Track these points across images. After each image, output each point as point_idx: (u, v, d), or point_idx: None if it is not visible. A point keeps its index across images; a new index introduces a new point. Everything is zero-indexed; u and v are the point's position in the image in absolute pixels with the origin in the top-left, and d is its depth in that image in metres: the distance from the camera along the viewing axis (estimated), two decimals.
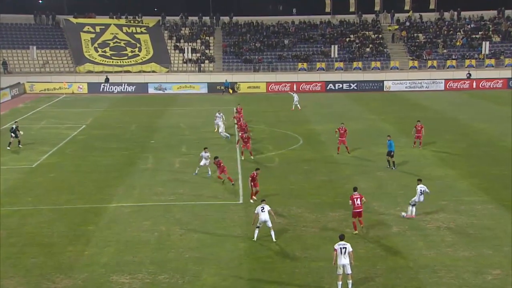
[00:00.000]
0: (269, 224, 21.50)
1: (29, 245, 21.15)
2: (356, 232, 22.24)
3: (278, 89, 67.13)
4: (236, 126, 41.22)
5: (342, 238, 17.92)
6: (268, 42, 77.60)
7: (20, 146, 37.42)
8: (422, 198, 24.15)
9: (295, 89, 65.68)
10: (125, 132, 43.00)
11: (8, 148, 36.87)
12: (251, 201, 25.97)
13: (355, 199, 22.17)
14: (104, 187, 28.38)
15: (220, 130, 39.88)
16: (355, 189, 22.64)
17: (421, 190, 24.12)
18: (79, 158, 34.96)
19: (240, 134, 37.29)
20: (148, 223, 23.30)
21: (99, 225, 23.16)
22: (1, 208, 25.23)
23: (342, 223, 23.31)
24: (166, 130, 43.70)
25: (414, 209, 24.11)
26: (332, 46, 73.54)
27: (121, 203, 25.99)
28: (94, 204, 25.86)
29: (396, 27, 78.59)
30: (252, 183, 26.12)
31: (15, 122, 39.55)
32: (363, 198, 22.40)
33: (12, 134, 37.38)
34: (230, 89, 66.16)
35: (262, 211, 21.48)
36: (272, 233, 21.55)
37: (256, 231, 21.58)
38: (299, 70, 72.74)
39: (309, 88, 67.33)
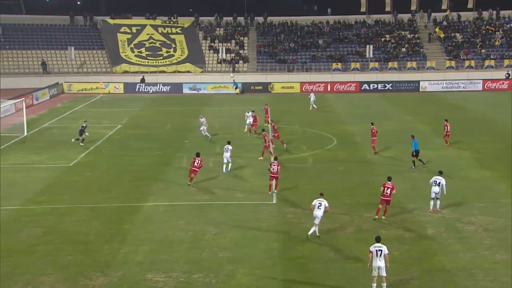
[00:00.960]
0: (317, 221, 21.45)
1: (66, 242, 21.49)
2: (376, 217, 23.11)
3: (312, 89, 66.76)
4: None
5: (378, 240, 17.73)
6: (302, 42, 77.36)
7: (81, 144, 38.16)
8: (436, 189, 23.94)
9: (329, 89, 65.42)
10: (160, 132, 43.38)
11: (81, 144, 37.97)
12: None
13: (385, 188, 23.25)
14: (140, 186, 28.67)
15: (201, 129, 39.95)
16: (389, 179, 23.70)
17: (434, 181, 23.99)
18: (115, 157, 35.40)
19: (272, 135, 37.34)
20: (183, 223, 23.45)
21: (135, 223, 23.40)
22: (39, 206, 25.72)
23: (377, 224, 23.06)
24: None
25: (436, 202, 24.13)
26: (367, 46, 72.91)
27: (156, 202, 26.22)
28: (129, 203, 26.14)
29: (442, 35, 76.51)
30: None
31: (84, 121, 40.17)
32: (394, 190, 23.14)
33: (82, 132, 38.26)
34: (238, 90, 66.10)
35: (318, 208, 21.58)
36: (316, 229, 21.56)
37: (313, 228, 21.58)
38: (333, 70, 72.29)
39: (343, 89, 66.90)
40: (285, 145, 37.08)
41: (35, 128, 44.39)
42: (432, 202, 24.28)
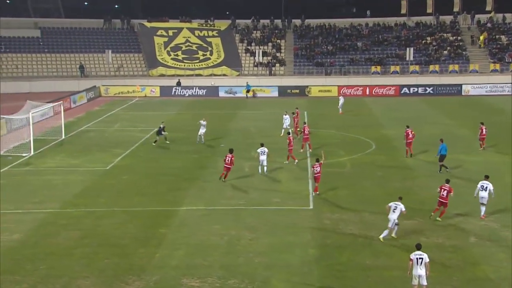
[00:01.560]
0: (390, 224, 21.52)
1: (103, 245, 21.80)
2: (432, 215, 23.89)
3: (350, 93, 66.39)
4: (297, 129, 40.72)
5: (418, 247, 17.48)
6: (340, 45, 76.98)
7: (167, 142, 39.55)
8: (483, 194, 23.53)
9: (367, 93, 64.88)
10: (195, 136, 43.65)
11: (153, 144, 39.38)
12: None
13: (442, 190, 23.74)
14: (175, 190, 28.93)
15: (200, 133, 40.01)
16: (447, 181, 24.21)
17: (481, 185, 23.61)
18: (151, 160, 35.80)
19: (304, 137, 37.29)
20: (218, 227, 23.55)
21: (170, 227, 23.61)
22: (77, 209, 26.18)
23: (417, 231, 22.76)
24: (236, 134, 44.10)
25: (483, 208, 23.77)
26: (407, 49, 72.12)
27: (192, 206, 26.41)
28: (165, 206, 26.40)
29: (483, 44, 74.73)
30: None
31: (162, 122, 40.95)
32: (450, 193, 23.48)
33: (159, 133, 39.50)
34: (250, 92, 66.00)
35: (393, 211, 21.61)
36: (390, 232, 21.67)
37: (385, 232, 21.66)
38: (372, 73, 71.72)
39: (383, 92, 66.31)
40: (310, 150, 37.05)
41: (73, 131, 45.23)
42: (483, 208, 23.90)
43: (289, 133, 35.66)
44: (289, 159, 34.28)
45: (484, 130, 36.59)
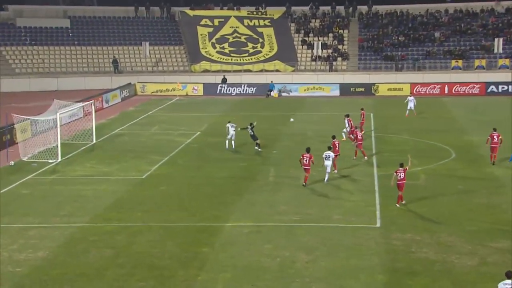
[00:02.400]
0: None
1: (139, 266, 22.09)
2: None
3: (426, 91, 65.61)
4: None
5: (509, 276, 17.10)
6: (414, 35, 76.18)
7: (259, 150, 39.92)
8: None
9: (446, 91, 64.03)
10: (244, 141, 43.88)
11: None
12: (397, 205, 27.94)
13: None
14: (220, 204, 29.13)
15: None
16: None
17: None
18: (192, 169, 36.17)
19: (356, 143, 37.20)
20: (269, 247, 23.59)
21: (214, 246, 23.77)
22: (109, 223, 26.65)
23: (506, 257, 22.26)
24: (291, 139, 44.11)
25: None
26: (496, 40, 70.80)
27: (239, 222, 26.53)
28: (208, 222, 26.61)
29: None
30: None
31: (250, 124, 41.29)
32: None
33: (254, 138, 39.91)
34: (275, 93, 65.81)
35: None
36: None
37: None
38: (452, 68, 70.70)
39: (465, 91, 65.27)
40: (366, 157, 37.01)
41: (105, 134, 46.13)
42: None
43: (333, 137, 35.66)
44: (336, 167, 34.07)
45: (495, 138, 35.13)
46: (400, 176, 28.25)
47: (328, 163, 32.21)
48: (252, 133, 40.12)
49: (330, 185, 32.00)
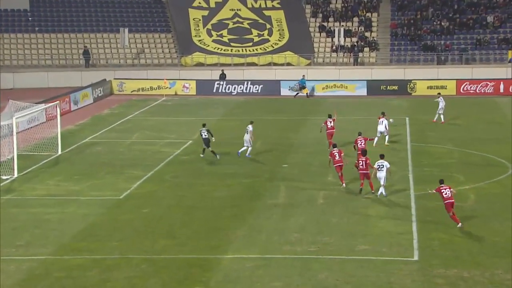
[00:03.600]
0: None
1: None
2: None
3: (476, 90, 65.50)
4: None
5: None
6: (461, 20, 76.16)
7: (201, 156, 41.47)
8: None
9: (501, 90, 64.20)
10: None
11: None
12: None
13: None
14: (217, 230, 29.11)
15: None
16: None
17: None
18: (182, 187, 36.15)
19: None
20: (279, 285, 23.56)
21: (210, 284, 23.72)
22: (78, 255, 26.59)
23: None
24: (305, 149, 44.13)
25: None
26: None
27: (241, 254, 26.50)
28: (202, 254, 26.57)
29: None
30: None
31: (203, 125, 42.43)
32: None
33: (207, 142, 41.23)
34: (305, 90, 66.03)
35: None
36: None
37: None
38: (509, 61, 70.53)
39: None
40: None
41: (73, 144, 46.15)
42: None
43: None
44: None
45: None
46: (447, 194, 28.79)
47: (382, 174, 33.04)
48: (205, 137, 40.75)
49: (353, 207, 31.96)
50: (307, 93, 66.05)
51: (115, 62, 74.88)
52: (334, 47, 75.18)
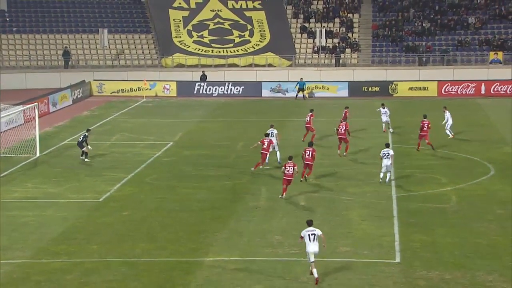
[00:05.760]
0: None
1: None
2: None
3: (457, 91, 65.84)
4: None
5: (310, 223, 17.67)
6: (442, 22, 76.52)
7: (86, 160, 41.46)
8: None
9: (483, 91, 64.37)
10: (228, 153, 43.93)
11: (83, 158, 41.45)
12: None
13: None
14: (198, 233, 29.08)
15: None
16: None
17: None
18: (163, 189, 36.11)
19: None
20: (261, 287, 23.62)
21: (190, 287, 23.74)
22: (56, 259, 26.49)
23: None
24: (287, 151, 44.11)
25: None
26: None
27: (222, 256, 26.49)
28: (183, 257, 26.55)
29: None
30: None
31: (87, 129, 43.19)
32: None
33: (81, 144, 41.47)
34: (305, 91, 66.39)
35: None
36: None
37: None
38: (491, 62, 71.01)
39: (506, 90, 65.56)
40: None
41: (52, 146, 46.02)
42: None
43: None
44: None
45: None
46: (288, 171, 32.82)
47: (387, 162, 35.26)
48: (82, 139, 41.54)
49: (335, 209, 32.06)
50: (303, 95, 66.14)
51: (94, 63, 74.74)
52: (315, 48, 75.34)
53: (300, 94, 66.14)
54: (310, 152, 35.75)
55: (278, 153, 40.30)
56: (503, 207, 32.14)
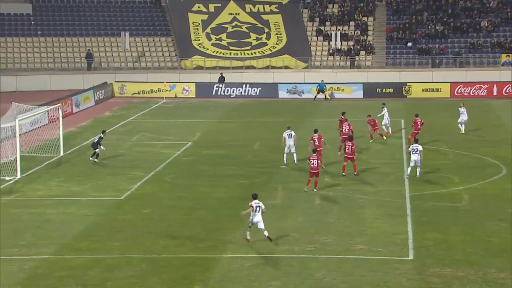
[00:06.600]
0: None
1: None
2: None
3: (470, 92, 65.61)
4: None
5: (255, 197, 17.66)
6: (455, 24, 76.24)
7: (94, 159, 41.25)
8: None
9: (495, 93, 64.09)
10: (245, 153, 43.93)
11: (94, 159, 41.24)
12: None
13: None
14: (216, 230, 29.11)
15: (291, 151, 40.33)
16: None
17: None
18: (182, 188, 36.19)
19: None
20: (277, 284, 23.54)
21: (209, 283, 23.71)
22: (79, 255, 26.59)
23: None
24: (304, 151, 44.10)
25: None
26: None
27: (239, 253, 26.50)
28: (201, 253, 26.57)
29: None
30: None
31: (103, 131, 43.10)
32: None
33: (96, 146, 41.42)
34: (326, 93, 66.13)
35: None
36: None
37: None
38: (502, 64, 70.69)
39: None
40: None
41: (75, 146, 46.22)
42: None
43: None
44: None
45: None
46: (313, 164, 33.72)
47: (416, 157, 35.96)
48: (98, 140, 41.52)
49: (350, 207, 32.03)
50: (325, 96, 66.02)
51: (116, 65, 74.98)
52: (331, 51, 75.23)
53: (320, 95, 66.04)
54: (350, 147, 36.76)
55: (295, 154, 40.13)
56: None
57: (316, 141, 38.37)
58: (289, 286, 23.45)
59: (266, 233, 26.82)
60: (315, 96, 66.14)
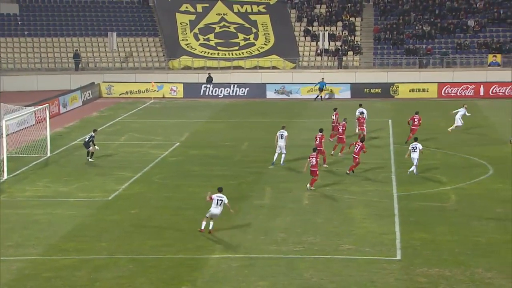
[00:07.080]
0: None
1: None
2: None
3: (457, 93, 65.80)
4: None
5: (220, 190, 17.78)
6: (442, 25, 76.43)
7: (90, 160, 41.53)
8: None
9: (481, 93, 64.71)
10: (234, 153, 43.93)
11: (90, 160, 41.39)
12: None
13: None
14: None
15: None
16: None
17: None
18: (170, 188, 36.17)
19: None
20: (265, 284, 23.56)
21: (197, 284, 23.71)
22: (66, 256, 26.53)
23: None
24: (292, 151, 44.15)
25: None
26: None
27: (227, 253, 26.51)
28: (189, 254, 26.57)
29: None
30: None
31: (94, 130, 43.32)
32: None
33: (88, 145, 41.56)
34: (324, 92, 66.16)
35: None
36: None
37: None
38: (489, 65, 70.90)
39: (505, 92, 65.48)
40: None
41: (62, 146, 46.11)
42: None
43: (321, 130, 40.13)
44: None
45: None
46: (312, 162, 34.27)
47: (415, 155, 36.85)
48: (89, 139, 41.71)
49: (338, 208, 32.11)
50: (320, 96, 65.93)
51: (103, 66, 74.81)
52: (318, 51, 75.30)
53: (323, 95, 65.84)
54: (359, 147, 37.24)
55: (283, 155, 40.15)
56: (501, 206, 32.14)
57: (318, 140, 38.95)
58: (277, 286, 23.47)
59: (211, 225, 28.27)
60: (319, 96, 65.71)
